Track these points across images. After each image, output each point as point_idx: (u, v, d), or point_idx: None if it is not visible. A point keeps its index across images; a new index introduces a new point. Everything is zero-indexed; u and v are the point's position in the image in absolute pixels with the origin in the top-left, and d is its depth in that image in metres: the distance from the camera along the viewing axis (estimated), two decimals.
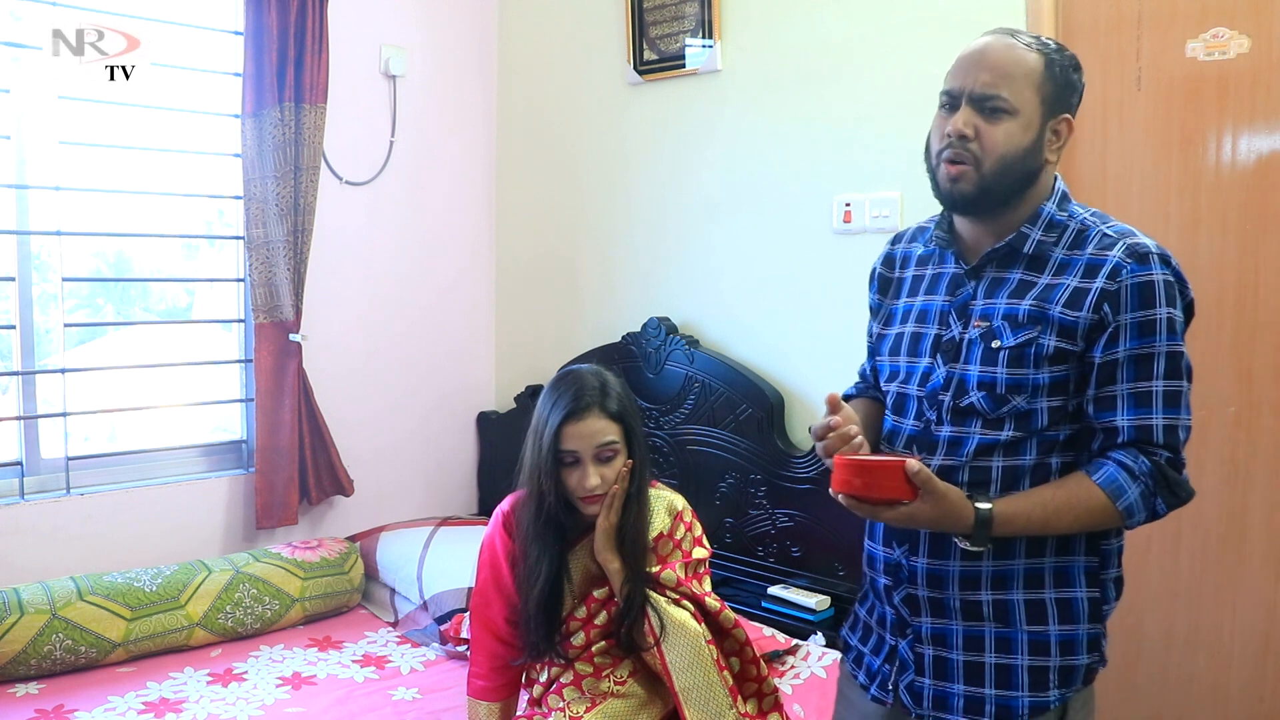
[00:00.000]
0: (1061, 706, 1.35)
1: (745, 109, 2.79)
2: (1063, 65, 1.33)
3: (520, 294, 3.47)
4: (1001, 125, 1.30)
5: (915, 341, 1.43)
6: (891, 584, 1.42)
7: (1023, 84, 1.30)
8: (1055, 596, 1.34)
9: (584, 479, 1.71)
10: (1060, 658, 1.34)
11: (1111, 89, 2.23)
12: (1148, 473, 1.27)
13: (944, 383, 1.37)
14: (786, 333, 2.73)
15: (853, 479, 1.25)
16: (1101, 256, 1.29)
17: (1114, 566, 1.39)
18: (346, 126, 3.06)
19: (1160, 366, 1.27)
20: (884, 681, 1.45)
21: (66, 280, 2.68)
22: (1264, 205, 2.09)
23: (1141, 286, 1.27)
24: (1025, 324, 1.31)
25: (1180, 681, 2.24)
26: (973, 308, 1.37)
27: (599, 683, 1.79)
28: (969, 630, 1.36)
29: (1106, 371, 1.29)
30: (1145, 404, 1.28)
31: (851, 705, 1.53)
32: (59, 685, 2.27)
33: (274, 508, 2.89)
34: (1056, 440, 1.33)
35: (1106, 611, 1.38)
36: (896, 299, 1.51)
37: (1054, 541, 1.33)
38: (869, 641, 1.50)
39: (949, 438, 1.36)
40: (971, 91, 1.31)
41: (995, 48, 1.32)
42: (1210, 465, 2.18)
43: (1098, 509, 1.28)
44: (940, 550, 1.36)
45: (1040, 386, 1.30)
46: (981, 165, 1.31)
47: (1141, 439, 1.28)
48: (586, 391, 1.73)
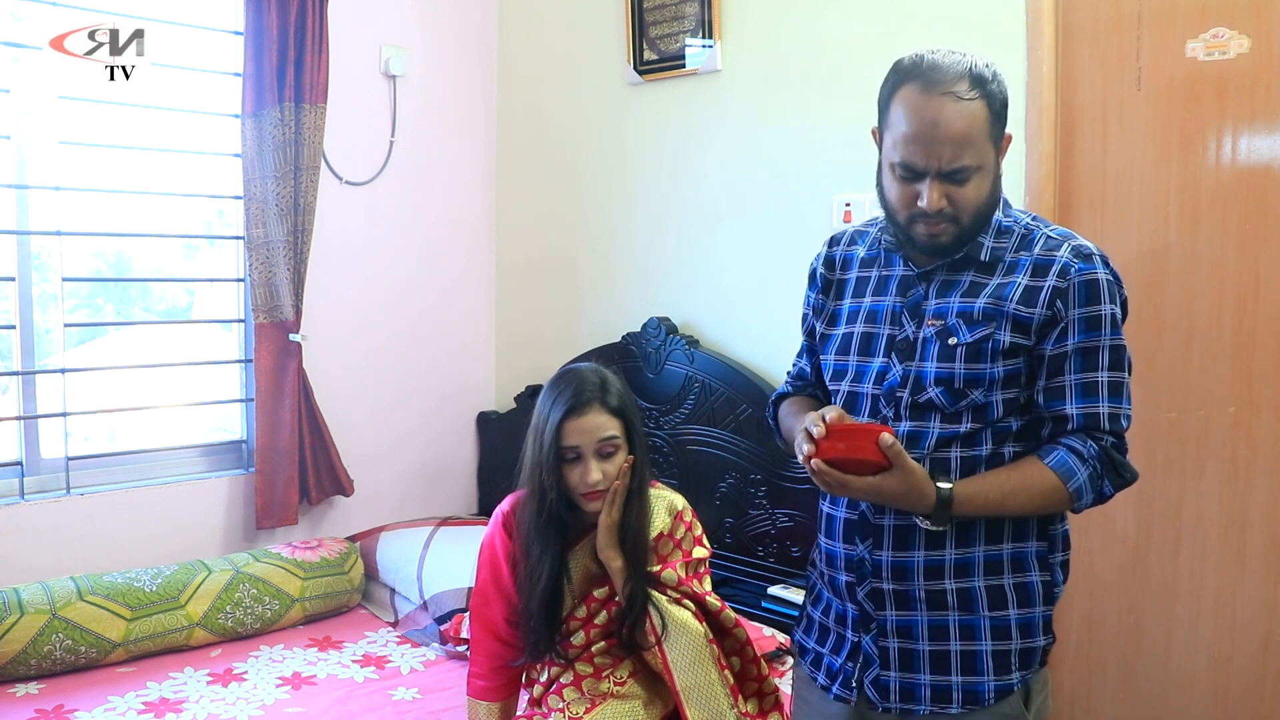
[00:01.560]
0: (1024, 687, 1.41)
1: (745, 109, 2.79)
2: (999, 89, 1.34)
3: (520, 294, 3.47)
4: (970, 184, 1.33)
5: (867, 341, 1.47)
6: (855, 580, 1.44)
7: (980, 140, 1.32)
8: (1013, 581, 1.40)
9: (586, 474, 1.71)
10: (1020, 640, 1.40)
11: (1111, 89, 2.23)
12: (1095, 456, 1.34)
13: (901, 380, 1.41)
14: (786, 333, 2.72)
15: (836, 443, 1.30)
16: (1049, 257, 1.36)
17: (1060, 550, 1.45)
18: (346, 126, 3.06)
19: (1105, 359, 1.35)
20: (846, 680, 1.46)
21: (66, 280, 2.68)
22: (1264, 205, 2.09)
23: (1088, 284, 1.34)
24: (980, 321, 1.37)
25: (1180, 681, 2.24)
26: (925, 308, 1.42)
27: (599, 683, 1.79)
28: (934, 620, 1.40)
29: (1056, 364, 1.36)
30: (1092, 393, 1.35)
31: (811, 707, 1.54)
32: (59, 685, 2.27)
33: (274, 508, 2.89)
34: (1009, 431, 1.39)
35: (1057, 594, 1.45)
36: (840, 299, 1.54)
37: (1010, 529, 1.40)
38: (827, 641, 1.51)
39: (908, 432, 1.40)
40: (940, 168, 1.32)
41: (948, 118, 1.30)
42: (1210, 465, 2.18)
43: (1049, 490, 1.34)
44: (904, 543, 1.40)
45: (995, 380, 1.36)
46: (960, 221, 1.36)
47: (1089, 425, 1.35)
48: (587, 387, 1.73)
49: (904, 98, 1.33)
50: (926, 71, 1.32)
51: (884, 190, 1.40)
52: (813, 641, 1.55)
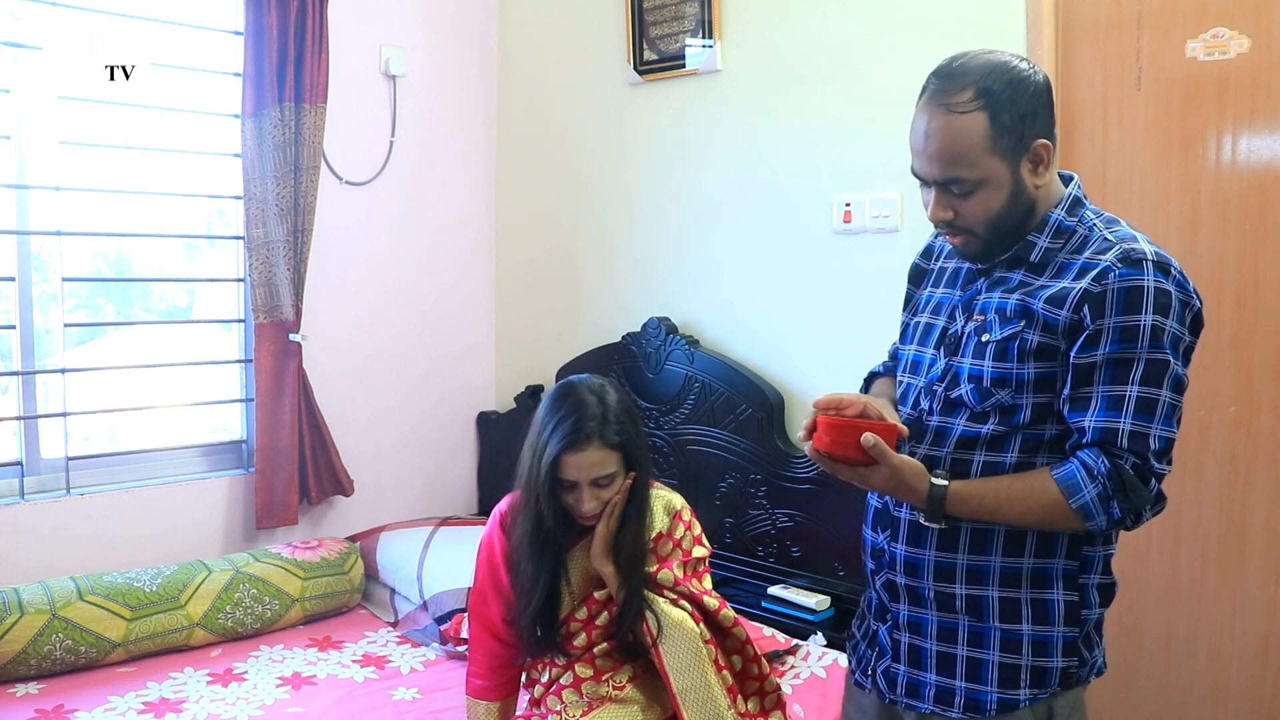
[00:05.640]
0: (1044, 707, 1.36)
1: (745, 109, 2.79)
2: (1013, 99, 1.28)
3: (520, 294, 3.47)
4: (974, 197, 1.31)
5: (926, 332, 1.47)
6: (875, 568, 1.46)
7: (976, 154, 1.29)
8: (1031, 596, 1.35)
9: (580, 504, 1.72)
10: (1033, 658, 1.35)
11: (1111, 89, 2.23)
12: (1106, 474, 1.25)
13: (941, 374, 1.40)
14: (786, 333, 2.73)
15: (824, 435, 1.31)
16: (1096, 260, 1.29)
17: (1096, 572, 1.37)
18: (346, 126, 3.06)
19: (1139, 372, 1.26)
20: (865, 666, 1.48)
21: (66, 280, 2.68)
22: (1264, 205, 2.09)
23: (1128, 291, 1.26)
24: (1012, 318, 1.33)
25: (1180, 682, 2.24)
26: (976, 303, 1.39)
27: (598, 687, 1.79)
28: (943, 621, 1.39)
29: (1083, 373, 1.28)
30: (1116, 407, 1.26)
31: (851, 698, 1.57)
32: (59, 685, 2.27)
33: (274, 508, 2.89)
34: (1042, 439, 1.33)
35: (1087, 617, 1.37)
36: (923, 289, 1.54)
37: (1034, 542, 1.34)
38: (861, 628, 1.54)
39: (936, 427, 1.39)
40: (935, 180, 1.32)
41: (934, 132, 1.29)
42: (1210, 465, 2.18)
43: (1050, 504, 1.28)
44: (917, 538, 1.39)
45: (1025, 381, 1.31)
46: (975, 232, 1.34)
47: (1105, 440, 1.26)
48: (587, 420, 1.69)
49: (919, 102, 1.34)
50: (944, 78, 1.31)
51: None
52: (856, 625, 1.57)
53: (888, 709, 1.46)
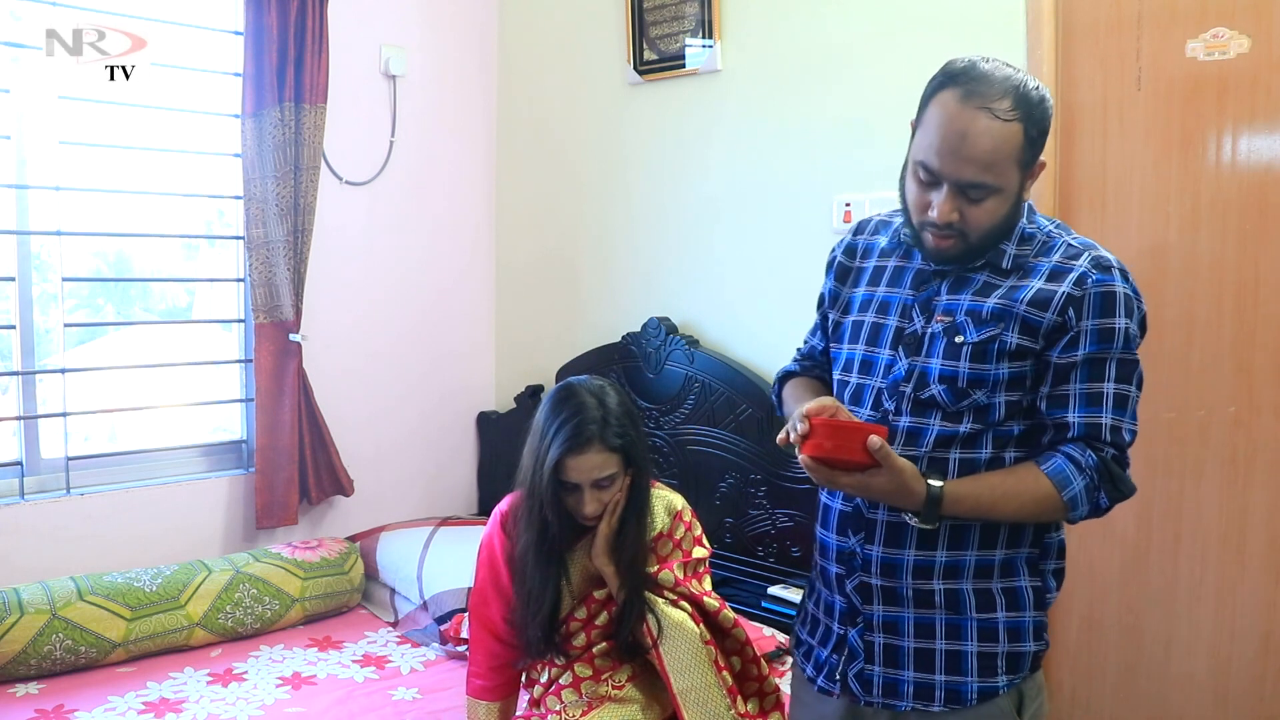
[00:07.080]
0: (1016, 691, 1.40)
1: (745, 109, 2.79)
2: (1042, 115, 1.30)
3: (520, 294, 3.47)
4: (986, 204, 1.31)
5: (875, 332, 1.46)
6: (844, 572, 1.45)
7: (1007, 164, 1.29)
8: (1001, 586, 1.39)
9: (581, 506, 1.72)
10: (1008, 644, 1.39)
11: (1111, 89, 2.23)
12: (1093, 467, 1.32)
13: (905, 375, 1.40)
14: (786, 333, 2.72)
15: (825, 439, 1.27)
16: (1067, 265, 1.34)
17: (1054, 558, 1.44)
18: (346, 126, 3.06)
19: (1112, 371, 1.33)
20: (831, 673, 1.47)
21: (66, 280, 2.68)
22: (1264, 205, 2.09)
23: (1104, 295, 1.32)
24: (989, 320, 1.35)
25: (1180, 682, 2.24)
26: (936, 303, 1.40)
27: (598, 686, 1.79)
28: (920, 618, 1.40)
29: (1062, 372, 1.34)
30: (1096, 404, 1.33)
31: (805, 705, 1.55)
32: (59, 685, 2.27)
33: (274, 508, 2.89)
34: (1011, 435, 1.37)
35: (1049, 600, 1.44)
36: (855, 287, 1.53)
37: (1006, 534, 1.38)
38: (816, 633, 1.52)
39: (908, 428, 1.39)
40: (959, 181, 1.30)
41: (978, 134, 1.27)
42: (1210, 465, 2.18)
43: (1043, 497, 1.32)
44: (896, 540, 1.39)
45: (1000, 381, 1.35)
46: (968, 237, 1.34)
47: (1090, 435, 1.33)
48: (588, 423, 1.69)
49: (942, 101, 1.31)
50: (973, 80, 1.29)
51: (904, 186, 1.38)
52: (805, 633, 1.55)
53: (858, 712, 1.45)
